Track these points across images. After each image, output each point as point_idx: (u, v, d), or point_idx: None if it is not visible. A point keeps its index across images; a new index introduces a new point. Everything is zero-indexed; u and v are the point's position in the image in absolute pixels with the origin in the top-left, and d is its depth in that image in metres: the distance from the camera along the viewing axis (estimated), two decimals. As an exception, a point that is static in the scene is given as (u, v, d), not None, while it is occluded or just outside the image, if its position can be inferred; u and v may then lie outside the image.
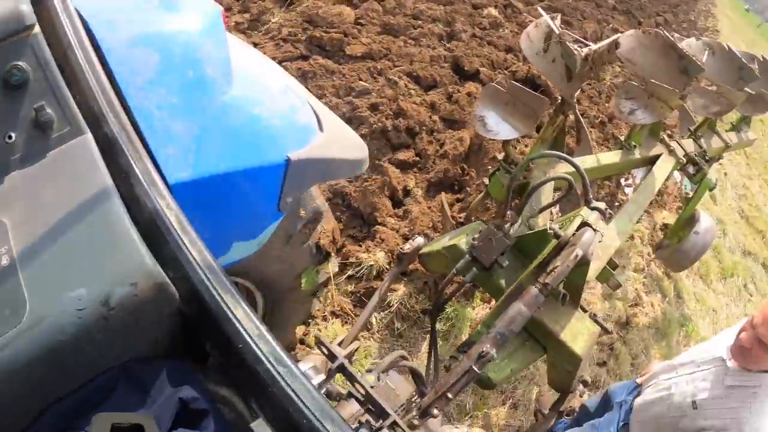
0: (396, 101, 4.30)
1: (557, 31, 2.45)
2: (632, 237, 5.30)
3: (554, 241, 1.91)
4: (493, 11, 7.04)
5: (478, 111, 2.55)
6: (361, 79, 4.63)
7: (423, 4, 6.43)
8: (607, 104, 6.40)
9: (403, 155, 4.05)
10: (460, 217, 3.64)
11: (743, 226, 7.86)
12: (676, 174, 4.75)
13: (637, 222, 5.40)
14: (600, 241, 1.95)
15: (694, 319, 5.37)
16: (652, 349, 4.62)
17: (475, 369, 1.68)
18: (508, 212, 2.24)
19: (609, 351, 4.33)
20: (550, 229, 1.92)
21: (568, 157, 2.13)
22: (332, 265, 2.82)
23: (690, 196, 4.53)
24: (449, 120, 4.49)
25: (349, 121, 4.19)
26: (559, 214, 2.89)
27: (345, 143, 1.94)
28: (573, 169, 2.04)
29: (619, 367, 4.24)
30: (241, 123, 1.59)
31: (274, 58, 4.65)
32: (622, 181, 4.76)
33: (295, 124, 1.75)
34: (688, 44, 3.55)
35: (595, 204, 2.01)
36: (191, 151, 1.46)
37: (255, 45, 4.93)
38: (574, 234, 1.85)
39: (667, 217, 5.75)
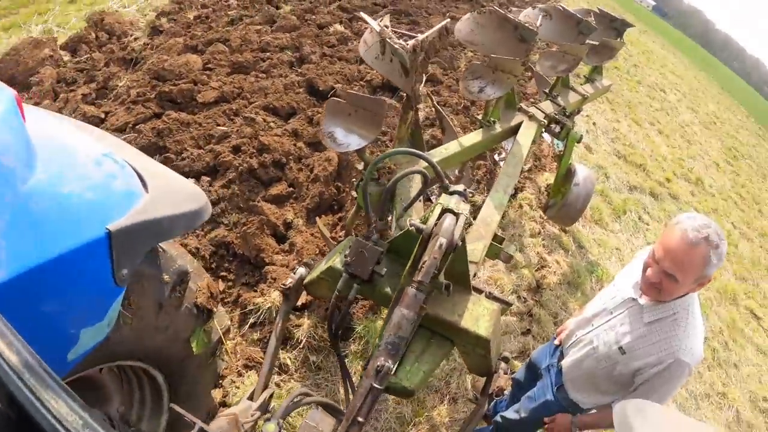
0: (257, 138, 4.22)
1: (377, 29, 2.44)
2: (521, 206, 5.49)
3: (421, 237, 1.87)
4: (339, 27, 7.12)
5: (325, 128, 2.49)
6: (218, 124, 4.52)
7: (269, 36, 6.41)
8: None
9: (276, 189, 3.96)
10: (341, 237, 3.59)
11: (623, 166, 8.37)
12: (547, 136, 4.95)
13: (518, 191, 5.63)
14: (469, 223, 1.93)
15: (601, 263, 5.63)
16: (570, 303, 4.77)
17: (376, 386, 1.62)
18: (373, 219, 2.20)
19: (529, 318, 4.42)
20: (411, 225, 1.88)
21: (412, 150, 2.12)
22: (219, 321, 2.69)
23: (562, 152, 4.72)
24: (314, 143, 4.45)
25: (214, 168, 4.08)
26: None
27: (176, 198, 1.85)
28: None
29: (543, 330, 4.34)
30: (50, 207, 1.48)
31: (126, 123, 4.48)
32: (496, 157, 4.89)
33: (112, 192, 1.65)
34: (525, 14, 3.69)
35: (452, 188, 1.98)
36: (1, 249, 1.36)
37: (106, 114, 4.72)
38: (435, 224, 1.81)
39: (549, 178, 5.98)
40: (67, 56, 5.80)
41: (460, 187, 1.98)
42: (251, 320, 3.35)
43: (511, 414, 2.92)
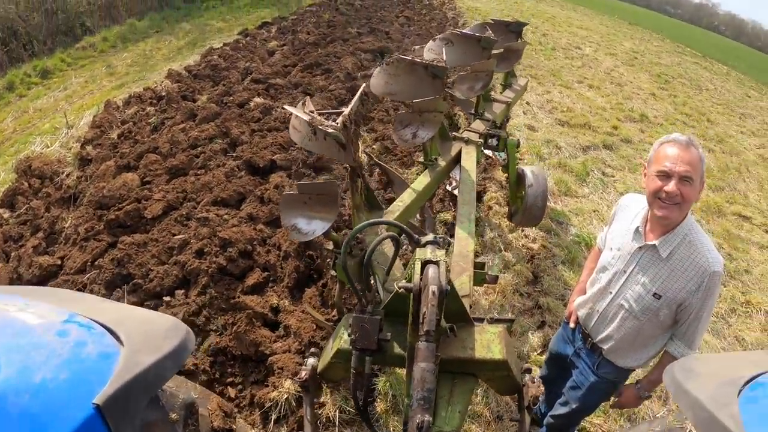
0: (216, 235, 4.16)
1: (307, 119, 2.46)
2: (490, 207, 5.53)
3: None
4: (259, 99, 7.16)
5: (286, 222, 2.53)
6: (174, 234, 4.44)
7: (195, 131, 6.39)
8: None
9: (252, 279, 3.90)
10: (334, 316, 3.53)
11: (569, 131, 8.52)
12: (489, 152, 5.04)
13: (482, 194, 5.68)
14: (447, 266, 1.96)
15: (584, 228, 5.67)
16: (571, 281, 4.75)
17: None
18: (361, 292, 2.22)
19: (539, 310, 4.38)
20: (399, 287, 1.94)
21: (376, 220, 2.17)
22: (242, 436, 2.59)
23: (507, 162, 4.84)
24: (273, 222, 4.41)
25: (185, 279, 3.99)
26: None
27: (155, 340, 1.76)
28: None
29: (556, 316, 4.30)
30: (27, 403, 1.38)
31: (84, 263, 4.38)
32: (449, 188, 4.93)
33: (87, 361, 1.55)
34: (429, 49, 3.78)
35: (424, 239, 2.05)
36: (-10, 467, 1.25)
37: (62, 259, 4.58)
38: (421, 278, 1.86)
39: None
40: (6, 213, 5.68)
41: (430, 237, 2.05)
42: (273, 416, 3.24)
43: (560, 410, 2.88)
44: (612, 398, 2.74)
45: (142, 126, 7.11)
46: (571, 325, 2.78)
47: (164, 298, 3.89)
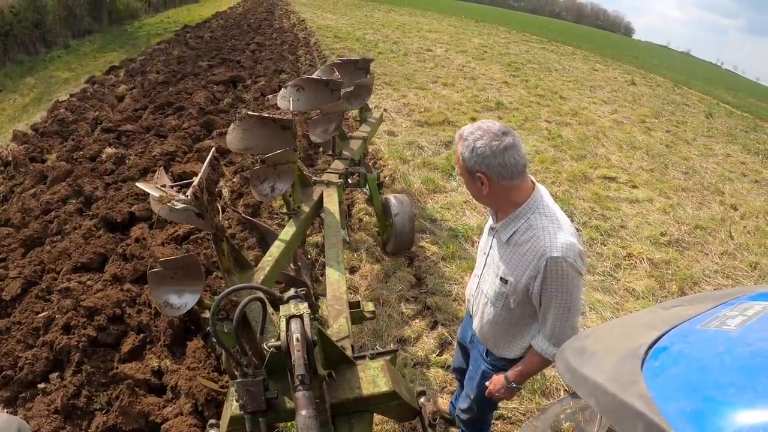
0: (80, 305, 3.89)
1: (157, 196, 2.39)
2: (360, 219, 5.62)
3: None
4: (110, 150, 6.80)
5: (158, 300, 2.46)
6: (36, 312, 4.10)
7: (46, 194, 5.94)
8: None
9: (128, 345, 3.67)
10: (227, 381, 3.41)
11: (429, 130, 8.88)
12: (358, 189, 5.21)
13: (350, 207, 5.75)
14: (312, 317, 1.98)
15: (458, 221, 5.93)
16: (454, 275, 4.92)
17: None
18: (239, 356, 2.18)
19: (429, 311, 4.48)
20: (269, 347, 1.95)
21: (233, 287, 2.10)
22: None
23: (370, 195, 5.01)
24: (138, 279, 4.22)
25: (57, 360, 3.70)
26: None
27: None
28: None
29: (447, 313, 4.41)
30: None
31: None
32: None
33: None
34: (282, 96, 3.81)
35: (287, 296, 2.05)
36: None
37: None
38: (287, 334, 1.88)
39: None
40: None
41: (291, 293, 2.07)
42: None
43: (464, 404, 2.81)
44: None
45: (-8, 198, 6.52)
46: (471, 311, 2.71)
47: (39, 385, 3.59)
